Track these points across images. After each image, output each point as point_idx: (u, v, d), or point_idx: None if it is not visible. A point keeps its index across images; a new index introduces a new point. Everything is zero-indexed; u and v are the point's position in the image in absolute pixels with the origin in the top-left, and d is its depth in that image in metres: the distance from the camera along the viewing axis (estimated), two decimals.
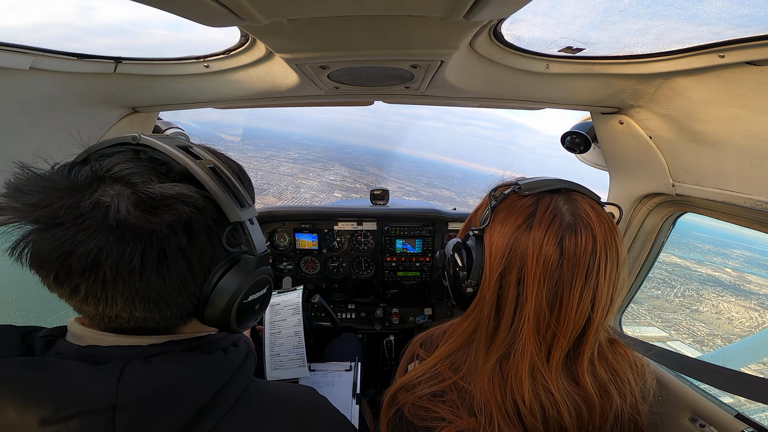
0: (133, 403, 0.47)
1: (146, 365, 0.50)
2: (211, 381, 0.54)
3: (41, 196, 0.47)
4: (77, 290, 0.49)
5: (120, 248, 0.46)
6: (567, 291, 0.61)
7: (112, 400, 0.46)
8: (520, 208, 0.66)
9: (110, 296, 0.49)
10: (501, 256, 0.64)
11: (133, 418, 0.47)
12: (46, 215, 0.46)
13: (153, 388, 0.49)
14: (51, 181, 0.49)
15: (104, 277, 0.47)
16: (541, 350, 0.63)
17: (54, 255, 0.46)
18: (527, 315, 0.62)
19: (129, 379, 0.48)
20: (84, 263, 0.46)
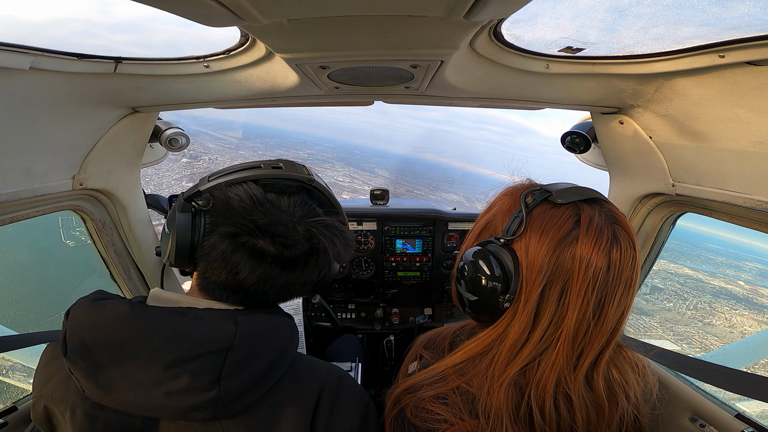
0: (244, 343, 0.58)
1: (249, 317, 0.62)
2: (285, 335, 0.68)
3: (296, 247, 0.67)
4: (269, 292, 0.67)
5: (330, 271, 0.75)
6: (609, 301, 0.61)
7: (231, 340, 0.56)
8: (560, 218, 0.64)
9: (290, 296, 0.72)
10: (544, 270, 0.61)
11: (237, 360, 0.57)
12: (282, 254, 0.64)
13: (258, 333, 0.61)
14: (285, 217, 0.67)
15: (306, 287, 0.72)
16: (572, 359, 0.62)
17: (288, 282, 0.68)
18: (566, 327, 0.61)
19: (243, 323, 0.59)
20: (300, 285, 0.71)
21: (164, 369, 0.53)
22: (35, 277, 2.36)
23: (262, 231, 0.62)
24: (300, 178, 0.72)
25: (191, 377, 0.53)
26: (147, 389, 0.53)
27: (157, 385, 0.53)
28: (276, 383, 0.64)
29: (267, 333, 0.63)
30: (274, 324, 0.66)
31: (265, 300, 0.68)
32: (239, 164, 0.73)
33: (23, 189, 1.03)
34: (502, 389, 0.62)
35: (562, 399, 0.63)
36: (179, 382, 0.53)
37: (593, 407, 0.65)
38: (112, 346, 0.54)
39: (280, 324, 0.67)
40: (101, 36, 10.29)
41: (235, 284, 0.64)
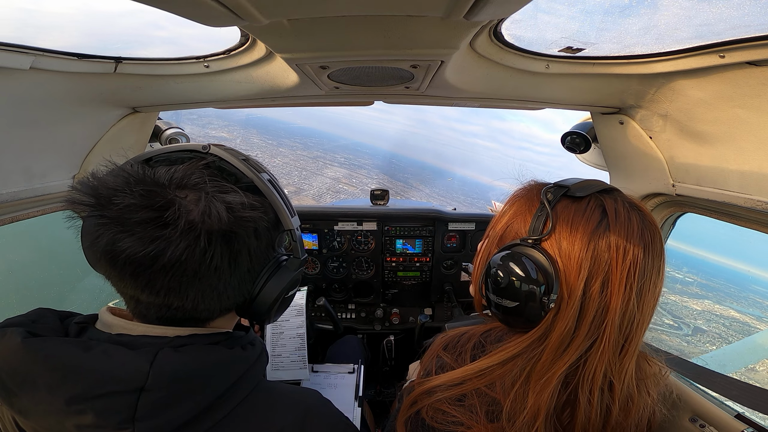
0: (160, 385, 0.50)
1: (176, 352, 0.54)
2: (230, 373, 0.58)
3: (132, 195, 0.51)
4: (152, 283, 0.53)
5: (209, 249, 0.53)
6: (648, 284, 0.61)
7: (142, 381, 0.50)
8: (587, 210, 0.63)
9: (185, 289, 0.55)
10: (582, 264, 0.60)
11: (155, 401, 0.50)
12: (139, 214, 0.50)
13: (181, 373, 0.52)
14: (140, 179, 0.53)
15: (186, 272, 0.53)
16: (617, 348, 0.62)
17: (149, 254, 0.50)
18: (611, 318, 0.60)
19: (160, 363, 0.51)
20: (173, 261, 0.51)
21: (65, 404, 0.49)
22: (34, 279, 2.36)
23: (112, 199, 0.51)
24: (192, 147, 0.62)
25: (97, 415, 0.49)
26: (58, 419, 0.50)
27: (66, 416, 0.49)
28: (219, 422, 0.56)
29: (200, 371, 0.54)
30: (215, 359, 0.56)
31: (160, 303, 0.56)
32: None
33: (23, 189, 1.03)
34: (547, 389, 0.60)
35: (606, 388, 0.63)
36: (85, 418, 0.49)
37: (627, 396, 0.65)
38: (16, 375, 0.51)
39: (225, 358, 0.58)
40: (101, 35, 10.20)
41: (114, 283, 0.56)
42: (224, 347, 0.59)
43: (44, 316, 0.59)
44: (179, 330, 0.59)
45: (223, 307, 0.62)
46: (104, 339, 0.55)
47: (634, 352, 0.64)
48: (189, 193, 0.53)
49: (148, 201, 0.50)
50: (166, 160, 0.61)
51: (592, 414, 0.62)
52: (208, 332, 0.61)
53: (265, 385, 0.64)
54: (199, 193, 0.53)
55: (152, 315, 0.58)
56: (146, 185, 0.52)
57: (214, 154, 0.62)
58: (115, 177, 0.53)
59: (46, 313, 0.60)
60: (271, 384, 0.66)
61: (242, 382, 0.59)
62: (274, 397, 0.63)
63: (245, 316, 0.66)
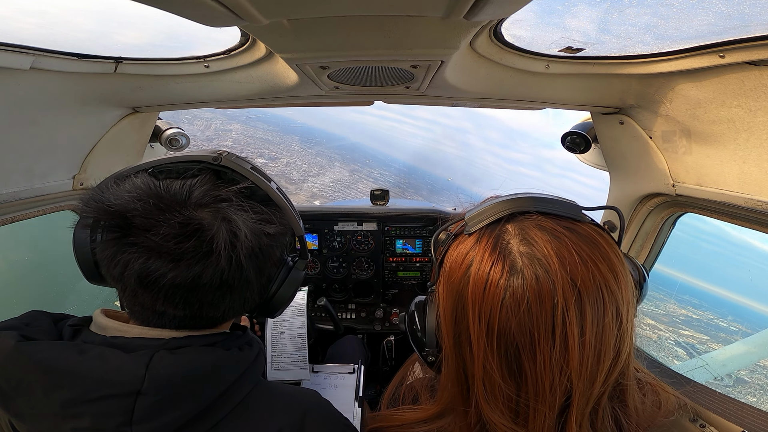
0: (156, 388, 0.50)
1: (172, 355, 0.53)
2: (227, 375, 0.57)
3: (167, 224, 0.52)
4: (188, 300, 0.55)
5: (244, 267, 0.56)
6: (529, 356, 0.47)
7: (138, 384, 0.50)
8: (462, 252, 0.53)
9: (219, 302, 0.58)
10: (450, 316, 0.53)
11: (152, 404, 0.50)
12: (176, 247, 0.51)
13: (177, 376, 0.52)
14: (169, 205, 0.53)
15: (221, 288, 0.56)
16: (514, 422, 0.50)
17: (188, 279, 0.53)
18: (477, 385, 0.50)
19: (156, 366, 0.51)
20: (212, 282, 0.54)
21: (61, 407, 0.49)
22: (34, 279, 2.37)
23: (133, 221, 0.52)
24: (201, 158, 0.60)
25: (93, 418, 0.49)
26: (54, 422, 0.50)
27: (63, 419, 0.50)
28: (217, 424, 0.56)
29: (197, 373, 0.54)
30: (212, 360, 0.56)
31: (189, 314, 0.57)
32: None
33: (24, 189, 1.03)
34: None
35: None
36: (82, 421, 0.49)
37: None
38: (10, 379, 0.51)
39: (222, 359, 0.57)
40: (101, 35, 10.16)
41: (132, 296, 0.56)
42: (221, 348, 0.59)
43: (37, 319, 0.58)
44: (175, 332, 0.59)
45: (245, 310, 0.65)
46: (99, 342, 0.55)
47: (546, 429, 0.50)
48: (216, 212, 0.55)
49: (188, 230, 0.52)
50: (173, 170, 0.61)
51: None
52: (205, 333, 0.61)
53: (263, 386, 0.63)
54: (228, 213, 0.55)
55: (173, 324, 0.59)
56: (176, 209, 0.53)
57: (226, 165, 0.61)
58: (141, 202, 0.53)
59: (40, 315, 0.60)
60: (270, 384, 0.66)
61: (240, 383, 0.58)
62: (272, 398, 0.62)
63: (258, 313, 0.70)
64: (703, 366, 3.48)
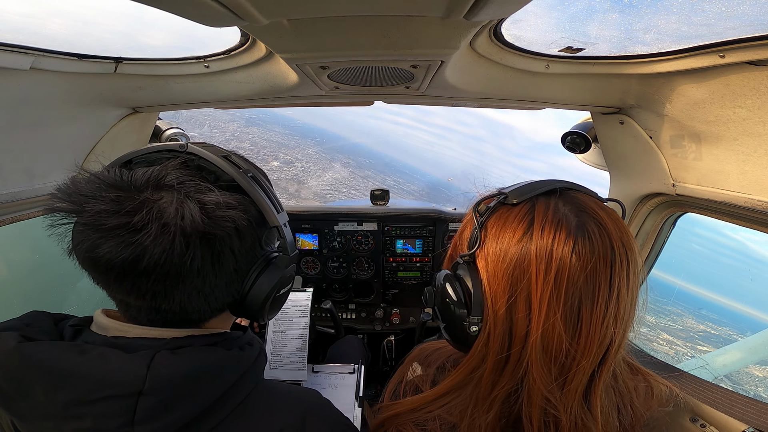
0: (158, 389, 0.50)
1: (174, 355, 0.53)
2: (228, 374, 0.57)
3: (103, 200, 0.50)
4: (137, 286, 0.53)
5: (188, 251, 0.52)
6: (588, 307, 0.51)
7: (140, 385, 0.50)
8: (515, 218, 0.56)
9: (170, 291, 0.54)
10: (504, 279, 0.54)
11: (154, 405, 0.50)
12: (110, 220, 0.49)
13: (179, 376, 0.52)
14: (112, 184, 0.52)
15: (168, 275, 0.52)
16: (550, 378, 0.53)
17: (127, 259, 0.50)
18: (533, 339, 0.52)
19: (157, 367, 0.51)
20: (153, 265, 0.51)
21: (63, 408, 0.49)
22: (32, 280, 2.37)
23: (73, 199, 0.51)
24: (169, 147, 0.61)
25: (95, 419, 0.49)
26: (56, 423, 0.50)
27: (64, 420, 0.50)
28: (219, 424, 0.56)
29: (198, 373, 0.54)
30: (213, 360, 0.56)
31: (147, 306, 0.56)
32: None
33: (24, 189, 1.03)
34: (490, 412, 0.56)
35: (552, 425, 0.55)
36: (84, 422, 0.49)
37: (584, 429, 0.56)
38: (12, 380, 0.51)
39: (223, 359, 0.57)
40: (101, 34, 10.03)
41: (96, 283, 0.55)
42: (222, 348, 0.59)
43: (38, 320, 0.58)
44: (176, 332, 0.58)
45: (213, 308, 0.61)
46: (100, 342, 0.55)
47: (577, 386, 0.54)
48: (164, 194, 0.52)
49: (118, 206, 0.49)
50: (145, 161, 0.61)
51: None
52: (205, 333, 0.61)
53: (264, 386, 0.63)
54: (174, 194, 0.52)
55: (143, 318, 0.58)
56: (118, 189, 0.51)
57: (191, 152, 0.60)
58: (89, 182, 0.52)
59: (40, 316, 0.60)
60: (271, 384, 0.66)
61: (241, 383, 0.58)
62: (273, 398, 0.62)
63: (239, 315, 0.67)
64: (703, 366, 3.48)
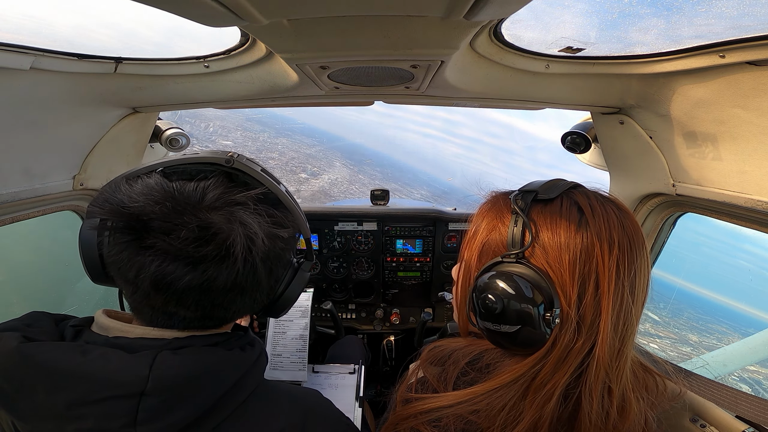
0: (160, 389, 0.50)
1: (175, 355, 0.53)
2: (230, 375, 0.57)
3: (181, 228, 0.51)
4: (200, 302, 0.56)
5: (253, 272, 0.57)
6: (640, 277, 0.59)
7: (142, 385, 0.50)
8: (563, 210, 0.60)
9: (230, 303, 0.59)
10: (573, 269, 0.56)
11: (156, 405, 0.50)
12: (195, 251, 0.52)
13: (181, 377, 0.52)
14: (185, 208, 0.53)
15: (233, 290, 0.57)
16: (614, 348, 0.58)
17: (204, 282, 0.53)
18: (605, 319, 0.56)
19: (159, 367, 0.51)
20: (226, 285, 0.55)
21: (65, 409, 0.49)
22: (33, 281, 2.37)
23: (150, 224, 0.52)
24: (214, 159, 0.61)
25: (97, 420, 0.49)
26: (57, 423, 0.50)
27: (66, 421, 0.50)
28: (220, 424, 0.56)
29: (200, 374, 0.54)
30: (214, 361, 0.56)
31: (200, 315, 0.58)
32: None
33: (23, 189, 1.03)
34: (550, 401, 0.56)
35: (606, 393, 0.58)
36: (86, 423, 0.49)
37: (623, 400, 0.60)
38: (13, 380, 0.51)
39: (224, 360, 0.58)
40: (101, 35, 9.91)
41: (143, 297, 0.56)
42: (223, 349, 0.59)
43: (39, 320, 0.58)
44: (177, 332, 0.59)
45: (253, 311, 0.68)
46: (101, 342, 0.55)
47: (629, 353, 0.60)
48: (231, 216, 0.55)
49: (205, 233, 0.52)
50: (184, 171, 0.61)
51: (592, 418, 0.57)
52: (207, 333, 0.61)
53: (265, 386, 0.63)
54: (243, 217, 0.55)
55: (182, 325, 0.59)
56: (192, 212, 0.52)
57: (238, 168, 0.61)
58: (158, 204, 0.52)
59: (41, 316, 0.60)
60: (272, 384, 0.66)
61: (242, 383, 0.59)
62: (274, 398, 0.63)
63: (263, 313, 0.72)
64: (703, 366, 3.48)
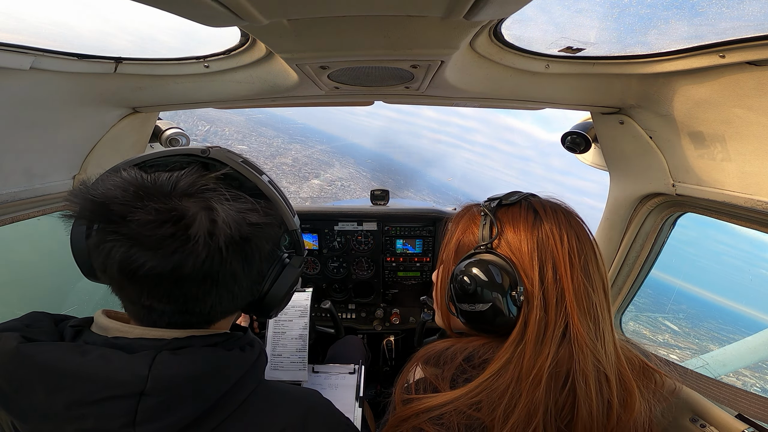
0: (159, 389, 0.50)
1: (174, 356, 0.53)
2: (229, 375, 0.57)
3: (146, 210, 0.50)
4: (170, 292, 0.54)
5: (227, 257, 0.54)
6: (590, 263, 0.69)
7: (142, 385, 0.50)
8: (521, 211, 0.73)
9: (204, 295, 0.56)
10: (531, 254, 0.68)
11: (155, 405, 0.50)
12: (153, 233, 0.50)
13: (180, 377, 0.52)
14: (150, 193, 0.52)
15: (205, 280, 0.54)
16: (590, 329, 0.66)
17: (168, 268, 0.51)
18: (570, 298, 0.66)
19: (159, 367, 0.51)
20: (194, 272, 0.52)
21: (64, 409, 0.49)
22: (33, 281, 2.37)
23: (111, 208, 0.51)
24: (190, 151, 0.61)
25: (96, 420, 0.49)
26: (57, 423, 0.50)
27: (66, 421, 0.50)
28: (220, 424, 0.56)
29: (199, 374, 0.54)
30: (214, 361, 0.56)
31: (176, 309, 0.57)
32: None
33: (23, 189, 1.04)
34: (540, 385, 0.62)
35: (603, 380, 0.65)
36: (85, 423, 0.49)
37: (625, 389, 0.67)
38: (13, 380, 0.51)
39: (224, 360, 0.58)
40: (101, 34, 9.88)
41: (119, 289, 0.56)
42: (223, 349, 0.59)
43: (39, 320, 0.58)
44: (177, 332, 0.58)
45: (236, 307, 0.64)
46: (101, 343, 0.55)
47: (609, 336, 0.68)
48: (200, 202, 0.53)
49: (166, 216, 0.50)
50: (162, 164, 0.60)
51: (593, 408, 0.63)
52: (206, 333, 0.61)
53: (265, 386, 0.63)
54: (211, 202, 0.53)
55: (164, 321, 0.58)
56: (159, 198, 0.51)
57: (214, 158, 0.61)
58: (123, 190, 0.52)
59: (41, 317, 0.60)
60: (272, 384, 0.66)
61: (242, 383, 0.59)
62: (274, 398, 0.63)
63: (253, 312, 0.69)
64: (704, 366, 3.49)
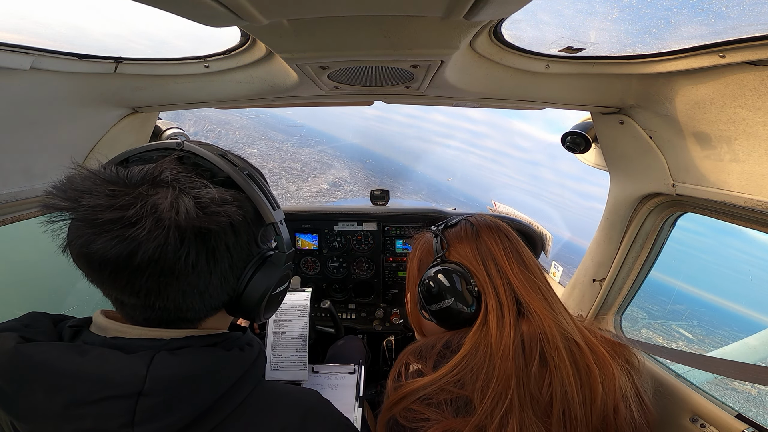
0: (158, 389, 0.50)
1: (173, 356, 0.53)
2: (228, 375, 0.57)
3: (98, 195, 0.50)
4: (131, 283, 0.52)
5: (182, 246, 0.51)
6: (523, 257, 0.89)
7: (140, 385, 0.50)
8: (463, 228, 0.92)
9: (164, 289, 0.54)
10: (475, 257, 0.86)
11: (154, 405, 0.50)
12: (104, 214, 0.49)
13: (178, 377, 0.52)
14: (108, 180, 0.52)
15: (163, 271, 0.52)
16: (544, 302, 0.81)
17: (121, 254, 0.49)
18: (515, 283, 0.83)
19: (157, 367, 0.51)
20: (147, 260, 0.50)
21: (63, 409, 0.49)
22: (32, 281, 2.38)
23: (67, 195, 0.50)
24: (166, 145, 0.61)
25: (95, 420, 0.49)
26: (56, 423, 0.50)
27: (65, 421, 0.49)
28: (219, 424, 0.56)
29: (198, 374, 0.54)
30: (212, 361, 0.56)
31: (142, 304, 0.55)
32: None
33: (23, 189, 1.03)
34: (508, 356, 0.72)
35: (574, 347, 0.76)
36: (84, 423, 0.49)
37: (597, 353, 0.77)
38: (12, 381, 0.51)
39: (223, 360, 0.57)
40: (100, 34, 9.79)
41: (90, 281, 0.55)
42: (222, 349, 0.59)
43: (37, 320, 0.58)
44: (175, 332, 0.58)
45: (209, 306, 0.60)
46: (99, 343, 0.55)
47: (566, 312, 0.84)
48: (159, 189, 0.51)
49: (112, 201, 0.49)
50: (141, 159, 0.61)
51: (570, 375, 0.72)
52: (205, 333, 0.61)
53: (264, 386, 0.63)
54: (169, 189, 0.51)
55: (139, 317, 0.57)
56: (113, 185, 0.50)
57: (187, 149, 0.60)
58: (85, 179, 0.52)
59: (39, 317, 0.60)
60: (271, 384, 0.66)
61: (241, 383, 0.59)
62: (274, 398, 0.63)
63: (236, 314, 0.66)
64: None
